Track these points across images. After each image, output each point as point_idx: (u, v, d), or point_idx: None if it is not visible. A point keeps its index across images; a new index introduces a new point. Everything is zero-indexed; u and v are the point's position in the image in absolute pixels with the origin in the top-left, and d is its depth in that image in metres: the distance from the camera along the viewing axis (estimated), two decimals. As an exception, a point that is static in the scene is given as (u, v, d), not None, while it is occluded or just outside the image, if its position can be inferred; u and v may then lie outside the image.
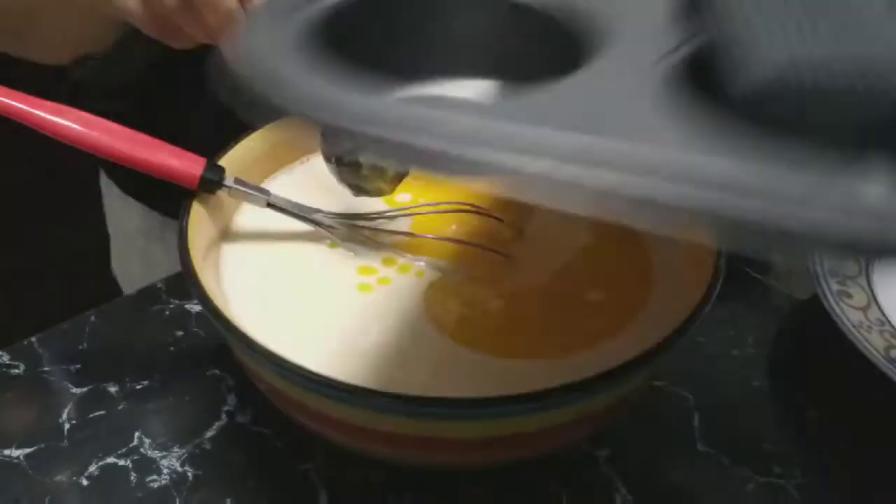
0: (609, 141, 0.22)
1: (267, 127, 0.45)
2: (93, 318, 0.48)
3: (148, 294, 0.50)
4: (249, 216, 0.43)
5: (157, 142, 0.39)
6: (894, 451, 0.42)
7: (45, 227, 1.25)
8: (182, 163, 0.39)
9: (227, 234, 0.42)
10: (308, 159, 0.47)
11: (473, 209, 0.44)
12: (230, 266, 0.40)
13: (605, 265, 0.42)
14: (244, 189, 0.40)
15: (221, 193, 0.40)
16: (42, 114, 0.37)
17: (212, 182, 0.39)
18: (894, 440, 0.43)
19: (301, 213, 0.42)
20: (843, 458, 0.42)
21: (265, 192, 0.41)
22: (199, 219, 0.38)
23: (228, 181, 0.40)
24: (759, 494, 0.40)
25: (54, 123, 0.37)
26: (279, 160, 0.46)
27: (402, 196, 0.45)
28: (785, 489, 0.40)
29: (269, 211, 0.41)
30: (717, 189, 0.21)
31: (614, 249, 0.43)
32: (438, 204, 0.45)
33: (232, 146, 0.43)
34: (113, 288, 0.70)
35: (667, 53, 0.27)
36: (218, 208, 0.41)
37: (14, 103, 0.37)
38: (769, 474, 0.41)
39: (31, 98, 0.38)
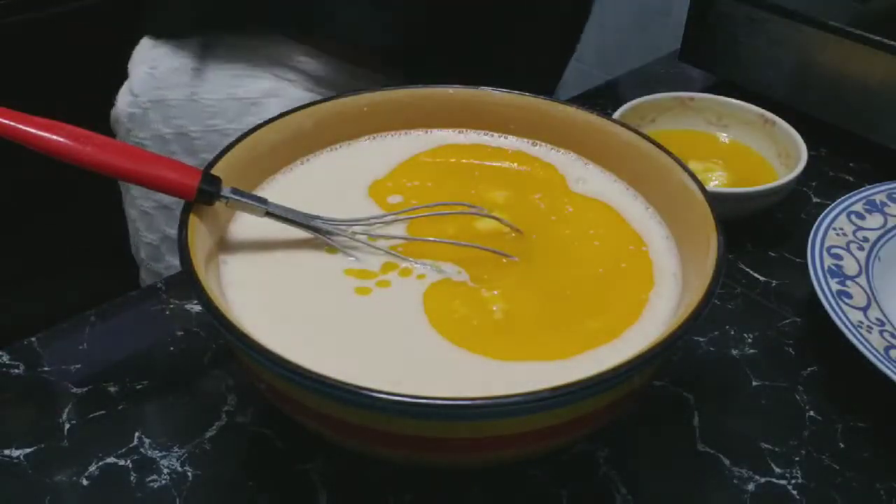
0: None
1: (267, 127, 0.45)
2: (93, 318, 0.48)
3: (148, 294, 0.50)
4: (247, 221, 0.43)
5: (151, 155, 0.38)
6: (895, 451, 0.42)
7: None
8: (178, 175, 0.38)
9: (225, 240, 0.42)
10: (308, 160, 0.47)
11: (473, 210, 0.44)
12: (229, 270, 0.40)
13: (605, 266, 0.42)
14: (242, 199, 0.40)
15: (219, 204, 0.40)
16: (30, 129, 0.36)
17: (209, 193, 0.39)
18: (895, 440, 0.43)
19: (299, 221, 0.41)
20: (843, 458, 0.42)
21: (263, 200, 0.40)
22: (197, 230, 0.38)
23: (226, 192, 0.39)
24: (759, 494, 0.40)
25: (45, 140, 0.36)
26: (279, 161, 0.46)
27: (394, 198, 0.45)
28: (785, 489, 0.40)
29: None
30: None
31: (614, 250, 0.43)
32: (437, 205, 0.44)
33: (230, 147, 0.43)
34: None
35: None
36: (215, 216, 0.41)
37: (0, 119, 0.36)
38: (769, 474, 0.41)
39: (18, 114, 0.36)
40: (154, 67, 0.67)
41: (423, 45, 0.65)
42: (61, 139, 0.37)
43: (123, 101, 0.69)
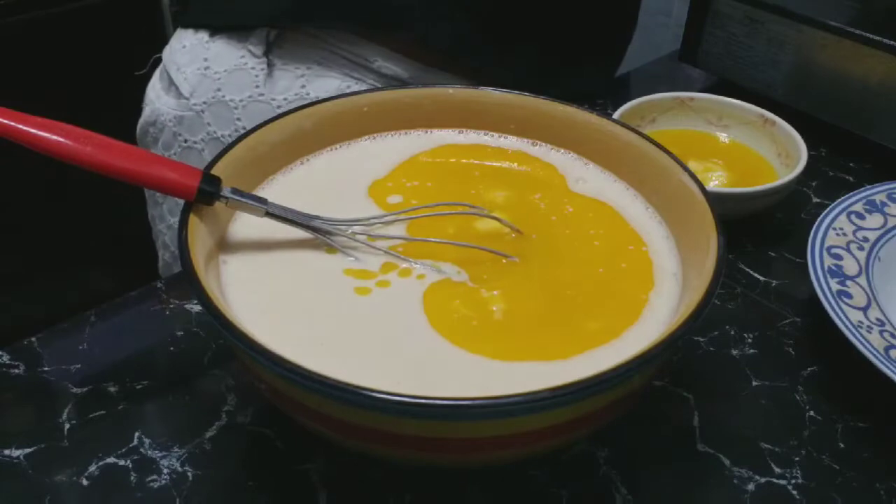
0: None
1: (267, 127, 0.45)
2: (93, 318, 0.48)
3: (148, 294, 0.50)
4: (247, 221, 0.43)
5: (151, 155, 0.38)
6: (895, 451, 0.42)
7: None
8: (178, 175, 0.38)
9: (225, 241, 0.42)
10: (308, 160, 0.47)
11: (473, 210, 0.44)
12: (229, 270, 0.40)
13: (605, 266, 0.42)
14: (242, 199, 0.40)
15: (219, 204, 0.40)
16: (30, 129, 0.36)
17: (209, 194, 0.39)
18: (895, 440, 0.43)
19: (299, 221, 0.41)
20: (843, 458, 0.42)
21: (263, 200, 0.41)
22: (197, 230, 0.38)
23: (226, 192, 0.39)
24: (759, 494, 0.40)
25: (45, 140, 0.36)
26: (279, 161, 0.46)
27: (394, 198, 0.45)
28: (785, 489, 0.40)
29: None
30: None
31: (614, 250, 0.43)
32: (437, 206, 0.44)
33: (230, 147, 0.43)
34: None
35: None
36: (215, 216, 0.41)
37: None
38: (769, 474, 0.41)
39: (18, 113, 0.36)
40: (207, 67, 0.64)
41: (493, 42, 0.65)
42: (60, 139, 0.37)
43: (166, 104, 0.66)
